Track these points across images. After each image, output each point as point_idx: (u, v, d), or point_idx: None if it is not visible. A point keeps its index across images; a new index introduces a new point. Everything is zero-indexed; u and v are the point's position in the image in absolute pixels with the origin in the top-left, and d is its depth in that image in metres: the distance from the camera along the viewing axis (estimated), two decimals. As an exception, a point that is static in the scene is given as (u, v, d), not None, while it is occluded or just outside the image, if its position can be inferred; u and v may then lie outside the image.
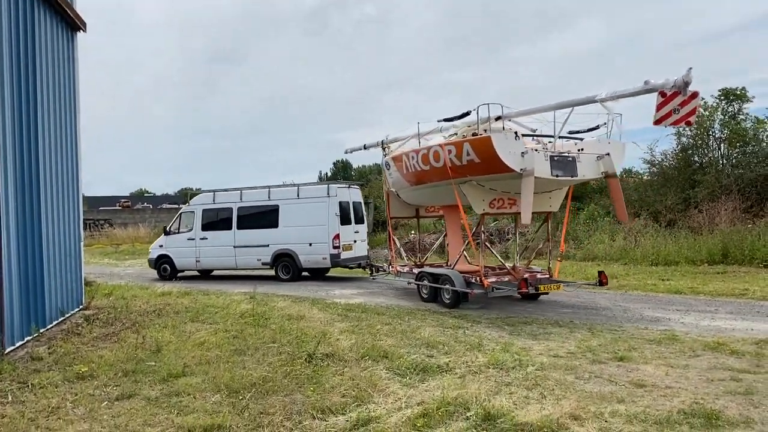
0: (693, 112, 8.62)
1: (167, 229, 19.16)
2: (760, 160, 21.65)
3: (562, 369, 6.73)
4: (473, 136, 10.69)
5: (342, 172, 61.95)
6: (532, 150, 10.00)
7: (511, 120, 11.21)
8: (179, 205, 33.91)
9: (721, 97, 23.39)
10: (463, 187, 11.16)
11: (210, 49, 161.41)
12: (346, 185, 18.10)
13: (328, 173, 64.62)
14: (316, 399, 5.79)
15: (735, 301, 11.43)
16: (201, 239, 18.26)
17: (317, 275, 18.33)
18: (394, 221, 16.58)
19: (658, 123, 8.70)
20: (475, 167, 10.50)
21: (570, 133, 10.92)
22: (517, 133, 10.26)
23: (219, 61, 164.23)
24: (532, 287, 10.84)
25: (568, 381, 6.27)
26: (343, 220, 16.97)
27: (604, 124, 10.61)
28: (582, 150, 10.74)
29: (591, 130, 10.89)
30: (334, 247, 16.61)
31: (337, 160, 64.82)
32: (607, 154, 10.66)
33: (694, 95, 8.50)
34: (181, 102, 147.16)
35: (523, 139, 10.26)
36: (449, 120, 11.96)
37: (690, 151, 24.13)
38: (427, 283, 12.42)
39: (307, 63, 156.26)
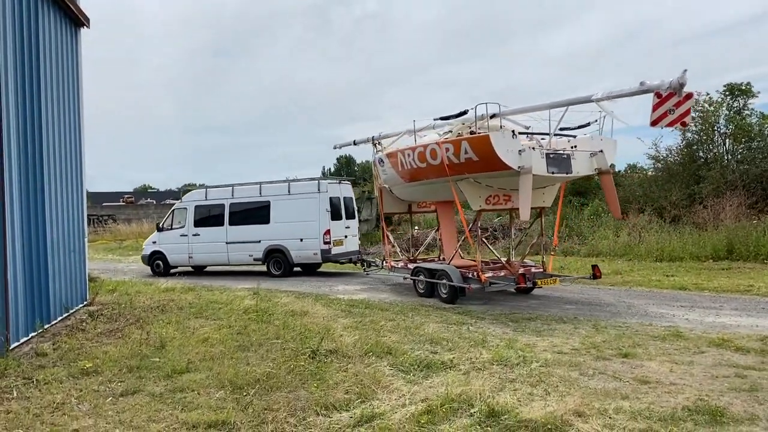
0: (687, 112, 8.76)
1: (160, 225, 19.30)
2: (765, 156, 21.55)
3: (566, 365, 6.72)
4: (471, 134, 10.87)
5: (346, 167, 62.01)
6: (530, 148, 10.18)
7: (505, 118, 11.39)
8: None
9: (726, 93, 23.27)
10: (461, 184, 11.30)
11: (213, 44, 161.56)
12: (337, 181, 18.20)
13: (332, 168, 64.66)
14: (319, 395, 5.79)
15: (740, 298, 11.39)
16: (193, 235, 18.40)
17: (309, 271, 18.42)
18: (398, 217, 16.70)
19: (654, 124, 8.83)
20: (473, 165, 10.64)
21: (561, 130, 11.03)
22: (514, 131, 10.45)
23: (222, 56, 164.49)
24: (530, 281, 11.19)
25: (572, 377, 6.26)
26: (334, 215, 17.09)
27: (595, 121, 10.80)
28: (575, 147, 10.97)
29: (581, 127, 11.12)
30: (325, 243, 16.73)
31: (341, 156, 64.87)
32: (600, 151, 10.87)
33: (689, 96, 8.65)
34: (184, 97, 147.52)
35: (519, 137, 10.45)
36: (446, 118, 12.18)
37: (695, 147, 24.02)
38: (423, 279, 12.55)
39: (310, 58, 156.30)
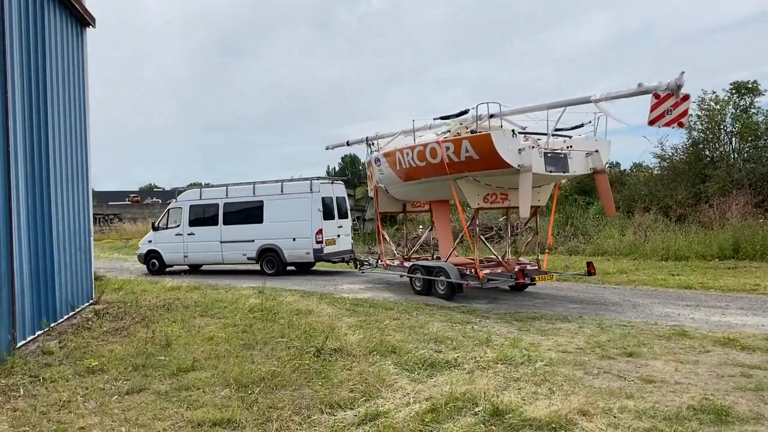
0: (685, 113, 9.05)
1: (155, 224, 19.52)
2: (772, 155, 21.48)
3: (570, 364, 6.72)
4: (471, 133, 11.14)
5: (350, 166, 61.90)
6: (529, 147, 10.47)
7: (503, 118, 11.65)
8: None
9: (733, 91, 23.16)
10: (460, 183, 11.54)
11: (218, 43, 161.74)
12: (329, 181, 18.35)
13: (336, 167, 64.58)
14: (324, 394, 5.80)
15: (746, 297, 11.35)
16: (188, 234, 18.61)
17: (303, 269, 18.63)
18: (401, 216, 16.85)
19: (652, 123, 9.11)
20: (474, 163, 10.87)
21: (557, 130, 11.31)
22: (514, 130, 10.73)
23: (227, 55, 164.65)
24: (528, 278, 11.54)
25: (577, 376, 6.25)
26: (327, 215, 17.25)
27: (589, 122, 11.13)
28: (571, 147, 11.27)
29: (576, 128, 11.45)
30: (317, 242, 16.90)
31: (345, 155, 64.67)
32: (595, 151, 11.20)
33: (686, 98, 8.92)
34: (189, 96, 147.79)
35: (519, 137, 10.74)
36: (446, 117, 12.49)
37: (701, 146, 23.93)
38: (420, 276, 12.75)
39: (314, 57, 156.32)
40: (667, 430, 4.71)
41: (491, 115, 11.32)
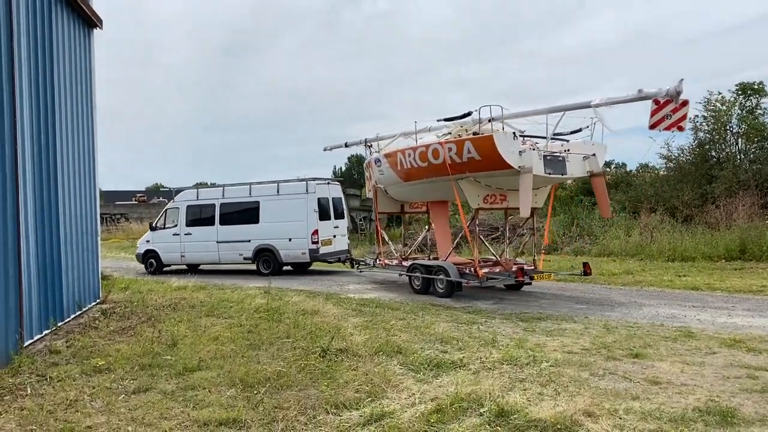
0: (683, 118, 9.44)
1: (153, 224, 19.66)
2: (778, 155, 21.39)
3: (576, 365, 6.71)
4: (474, 135, 11.44)
5: (357, 166, 61.91)
6: (529, 149, 10.79)
7: (502, 122, 11.93)
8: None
9: (739, 92, 23.09)
10: (461, 183, 11.82)
11: (223, 43, 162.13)
12: (326, 181, 18.39)
13: (343, 167, 64.63)
14: (330, 394, 5.81)
15: (752, 298, 11.32)
16: (185, 234, 18.74)
17: (299, 270, 18.76)
18: (408, 217, 17.03)
19: (653, 128, 9.57)
20: (475, 164, 11.16)
21: (555, 134, 11.64)
22: (515, 133, 11.05)
23: (232, 56, 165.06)
24: (527, 276, 11.80)
25: (583, 377, 6.24)
26: (322, 215, 17.36)
27: (587, 127, 11.50)
28: (568, 150, 11.61)
29: (573, 132, 11.84)
30: (313, 242, 17.00)
31: (352, 155, 64.71)
32: (592, 155, 11.60)
33: (685, 103, 9.32)
34: (195, 96, 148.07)
35: (519, 139, 11.06)
36: (450, 119, 12.83)
37: (707, 146, 23.87)
38: (419, 275, 12.98)
39: (320, 57, 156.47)
40: (672, 431, 4.71)
41: (491, 119, 11.62)
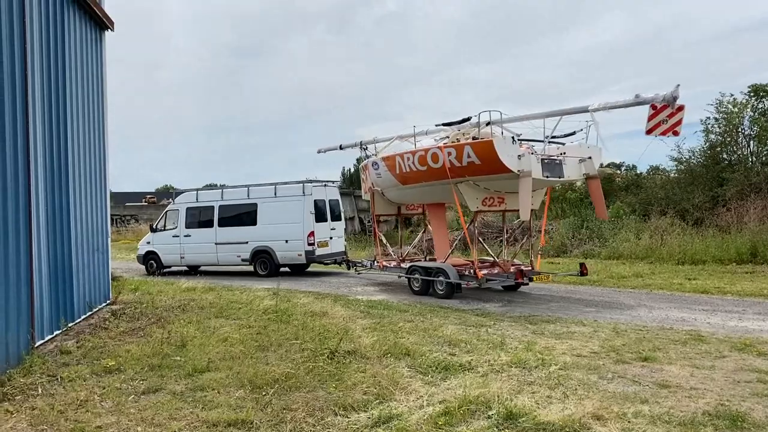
0: (679, 123, 9.66)
1: (154, 226, 19.92)
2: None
3: (585, 369, 6.69)
4: (473, 139, 11.63)
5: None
6: (528, 153, 10.99)
7: (499, 126, 12.05)
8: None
9: (751, 94, 22.91)
10: (460, 187, 11.99)
11: (234, 45, 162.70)
12: (322, 184, 18.55)
13: (352, 169, 64.60)
14: (338, 396, 5.82)
15: (763, 302, 11.22)
16: (185, 236, 18.96)
17: (298, 271, 18.99)
18: (416, 218, 17.18)
19: (649, 132, 9.76)
20: (475, 168, 11.35)
21: (547, 137, 11.72)
22: (514, 137, 11.29)
23: (243, 57, 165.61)
24: (527, 278, 11.98)
25: (591, 381, 6.22)
26: (319, 217, 17.53)
27: (581, 130, 11.71)
28: (564, 154, 11.80)
29: (567, 135, 12.02)
30: (309, 244, 17.16)
31: (360, 157, 64.73)
32: (588, 158, 11.79)
33: (681, 108, 9.56)
34: (205, 97, 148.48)
35: (517, 143, 11.28)
36: (449, 124, 13.08)
37: (718, 149, 23.70)
38: (418, 277, 13.12)
39: (330, 58, 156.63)
40: (682, 435, 4.68)
41: (488, 123, 11.80)
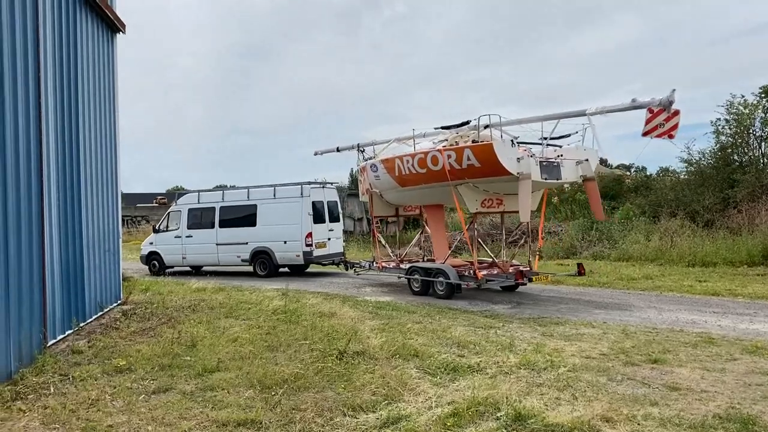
0: (675, 126, 9.90)
1: (156, 227, 20.18)
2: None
3: (594, 370, 6.67)
4: (473, 142, 11.80)
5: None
6: (527, 156, 11.11)
7: (500, 129, 12.17)
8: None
9: (762, 95, 22.71)
10: (460, 189, 12.13)
11: (243, 46, 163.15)
12: (320, 185, 18.70)
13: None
14: (347, 396, 5.85)
15: (775, 304, 11.14)
16: (187, 237, 19.19)
17: (297, 271, 19.18)
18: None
19: (646, 135, 9.98)
20: (475, 171, 11.47)
21: (542, 139, 11.84)
22: (513, 140, 11.43)
23: (253, 59, 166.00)
24: (526, 278, 12.14)
25: (601, 383, 6.21)
26: (317, 219, 17.72)
27: (575, 132, 11.85)
28: (562, 156, 11.89)
29: (562, 137, 12.12)
30: (307, 245, 17.35)
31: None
32: (585, 160, 11.93)
33: (677, 113, 9.82)
34: (215, 99, 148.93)
35: (516, 146, 11.41)
36: (448, 127, 13.25)
37: (729, 150, 23.52)
38: (418, 277, 13.29)
39: (339, 60, 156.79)
40: (692, 438, 4.67)
41: (486, 126, 11.91)
